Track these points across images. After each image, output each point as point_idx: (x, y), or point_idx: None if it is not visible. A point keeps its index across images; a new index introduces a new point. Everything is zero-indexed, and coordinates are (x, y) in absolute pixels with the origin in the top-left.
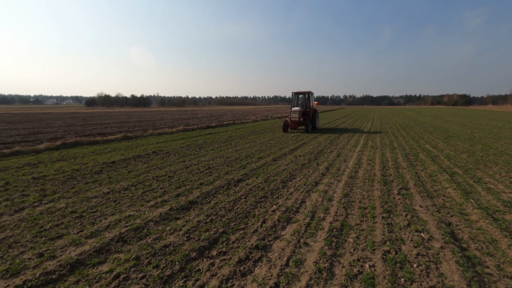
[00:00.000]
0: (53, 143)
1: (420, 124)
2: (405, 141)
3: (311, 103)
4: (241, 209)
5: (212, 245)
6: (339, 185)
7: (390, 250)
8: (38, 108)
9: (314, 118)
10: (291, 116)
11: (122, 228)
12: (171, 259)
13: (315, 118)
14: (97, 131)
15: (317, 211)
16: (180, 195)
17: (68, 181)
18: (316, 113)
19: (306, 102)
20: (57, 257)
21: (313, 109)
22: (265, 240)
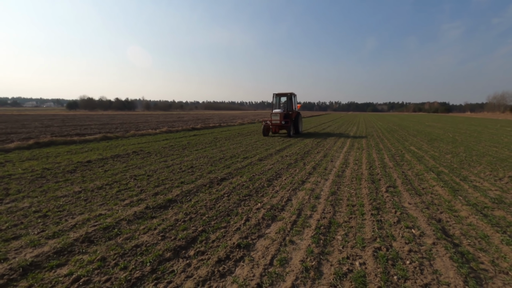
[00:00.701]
0: (24, 142)
1: (404, 128)
2: (391, 143)
3: (294, 106)
4: (223, 207)
5: (189, 245)
6: (326, 184)
7: (381, 247)
8: (15, 110)
9: (297, 121)
10: (272, 119)
11: (90, 227)
12: (141, 260)
13: (298, 122)
14: (75, 131)
15: (303, 209)
16: (158, 194)
17: (36, 180)
18: (299, 116)
19: (289, 104)
20: (9, 259)
21: (296, 112)
22: (248, 239)
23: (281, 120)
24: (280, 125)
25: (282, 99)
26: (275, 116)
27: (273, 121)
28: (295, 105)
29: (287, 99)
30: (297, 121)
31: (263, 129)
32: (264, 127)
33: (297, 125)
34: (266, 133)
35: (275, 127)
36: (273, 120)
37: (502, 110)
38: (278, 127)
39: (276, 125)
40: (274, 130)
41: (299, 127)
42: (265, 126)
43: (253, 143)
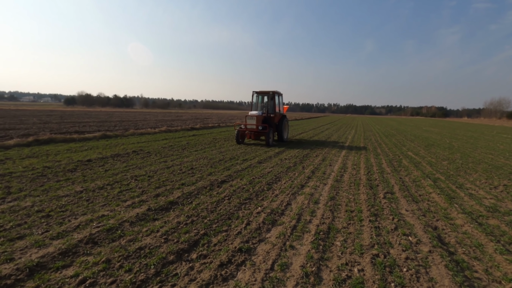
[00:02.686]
0: (24, 139)
1: (402, 133)
2: (388, 148)
3: (279, 107)
4: (224, 210)
5: (192, 248)
6: (325, 188)
7: (378, 253)
8: (13, 105)
9: (281, 126)
10: (247, 122)
11: (93, 228)
12: (145, 263)
13: (282, 127)
14: (74, 129)
15: (303, 214)
16: (159, 195)
17: (37, 178)
18: (284, 121)
19: (271, 105)
20: (15, 259)
21: (280, 115)
22: (249, 243)
23: (258, 124)
24: (257, 131)
25: (265, 99)
26: (251, 120)
27: (248, 126)
28: (280, 106)
29: (268, 99)
30: (281, 127)
31: (236, 135)
32: (237, 132)
33: (281, 131)
34: (240, 140)
35: (250, 133)
36: (248, 124)
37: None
38: (254, 133)
39: (251, 130)
40: (249, 136)
41: (283, 133)
42: (239, 131)
43: (253, 144)
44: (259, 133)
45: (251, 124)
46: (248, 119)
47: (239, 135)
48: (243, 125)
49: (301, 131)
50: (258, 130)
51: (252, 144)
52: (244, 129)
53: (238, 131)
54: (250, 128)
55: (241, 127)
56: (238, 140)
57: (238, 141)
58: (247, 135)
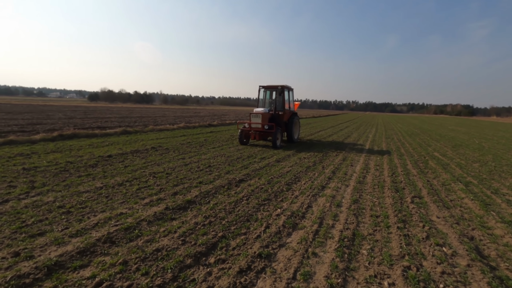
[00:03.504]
0: (49, 134)
1: (426, 132)
2: (412, 148)
3: (289, 104)
4: (242, 211)
5: (209, 251)
6: (347, 190)
7: (410, 265)
8: (41, 101)
9: (291, 125)
10: (251, 121)
11: (112, 227)
12: (163, 266)
13: (292, 126)
14: (96, 124)
15: (325, 218)
16: (177, 194)
17: (60, 173)
18: (295, 119)
19: (279, 101)
20: (35, 257)
21: (290, 112)
22: (269, 248)
23: (263, 123)
24: (262, 131)
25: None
26: (256, 118)
27: (253, 125)
28: (290, 103)
29: (276, 94)
30: (291, 126)
31: (239, 135)
32: (241, 132)
33: (290, 131)
34: (243, 140)
35: (255, 133)
36: (253, 122)
37: None
38: (259, 134)
39: (256, 130)
40: (253, 137)
41: (293, 133)
42: (243, 131)
43: (269, 142)
44: (265, 133)
45: (256, 122)
46: (252, 117)
47: (242, 135)
48: (247, 123)
49: (319, 128)
50: (263, 130)
51: (256, 145)
52: (248, 128)
53: (242, 130)
54: (255, 128)
55: (245, 126)
56: (241, 141)
57: (242, 141)
58: (251, 135)
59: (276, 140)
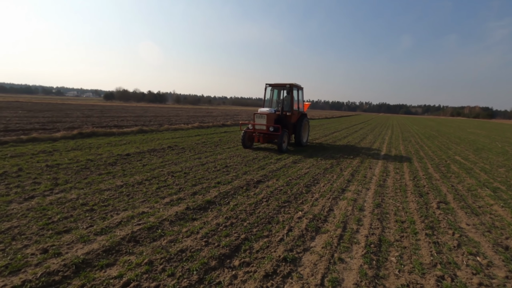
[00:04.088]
0: (69, 132)
1: (444, 135)
2: (432, 151)
3: (298, 104)
4: (263, 213)
5: (233, 253)
6: (369, 194)
7: (444, 275)
8: (59, 99)
9: (299, 128)
10: (256, 122)
11: (135, 226)
12: (188, 267)
13: (301, 128)
14: (113, 123)
15: (348, 222)
16: (196, 194)
17: (81, 171)
18: (304, 120)
19: (288, 101)
20: (63, 254)
21: (299, 113)
22: (294, 252)
23: (268, 124)
24: (268, 133)
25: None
26: (260, 119)
27: (257, 126)
28: (300, 103)
29: (284, 93)
30: (300, 128)
31: (242, 137)
32: (244, 134)
33: (299, 134)
34: (247, 143)
35: (259, 135)
36: (257, 124)
37: None
38: (264, 136)
39: (261, 132)
40: (257, 139)
41: (302, 136)
42: (246, 133)
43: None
44: (270, 135)
45: (260, 124)
46: (256, 118)
47: (246, 137)
48: (251, 124)
49: (333, 130)
50: (268, 132)
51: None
52: (252, 130)
53: (245, 132)
54: (259, 129)
55: (248, 127)
56: (244, 143)
57: (245, 144)
58: (255, 138)
59: (282, 144)
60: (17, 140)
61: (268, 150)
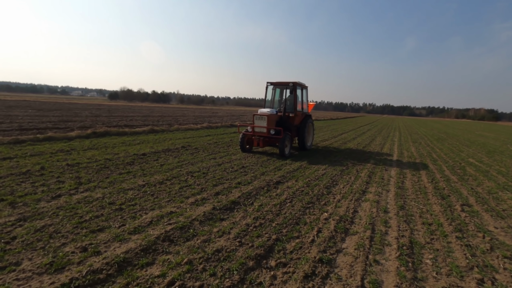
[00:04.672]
0: (84, 131)
1: (452, 137)
2: (444, 153)
3: (302, 104)
4: (289, 214)
5: (268, 254)
6: (389, 196)
7: (483, 278)
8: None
9: (303, 130)
10: (255, 124)
11: (166, 225)
12: (227, 267)
13: (305, 131)
14: (123, 122)
15: (376, 224)
16: (219, 194)
17: (101, 170)
18: (308, 122)
19: (291, 101)
20: (102, 253)
21: (303, 115)
22: (327, 253)
23: (269, 127)
24: (268, 136)
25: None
26: (260, 120)
27: (257, 129)
28: (304, 103)
29: (287, 92)
30: (303, 131)
31: (241, 140)
32: (243, 137)
33: (302, 137)
34: (245, 146)
35: (259, 139)
36: (257, 126)
37: None
38: (264, 140)
39: (260, 135)
40: (256, 143)
41: (306, 139)
42: (245, 135)
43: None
44: (271, 139)
45: (260, 126)
46: (256, 120)
47: (244, 140)
48: (250, 127)
49: (341, 131)
50: (269, 135)
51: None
52: (251, 133)
53: (244, 135)
54: (259, 132)
55: (247, 129)
56: (243, 147)
57: (244, 148)
58: (255, 141)
59: (284, 148)
60: (34, 139)
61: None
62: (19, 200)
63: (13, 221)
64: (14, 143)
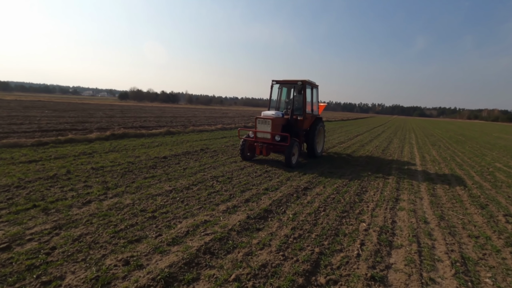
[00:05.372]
0: (102, 133)
1: (470, 139)
2: (468, 157)
3: (312, 106)
4: (326, 224)
5: (315, 269)
6: (424, 204)
7: None
8: (77, 99)
9: (313, 135)
10: (258, 129)
11: (203, 235)
12: (277, 285)
13: (315, 136)
14: (138, 124)
15: (419, 236)
16: (249, 201)
17: (126, 174)
18: (319, 126)
19: (299, 101)
20: (145, 266)
21: (313, 117)
22: (377, 269)
23: (274, 132)
24: (273, 143)
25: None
26: (263, 125)
27: (259, 134)
28: (314, 105)
29: (295, 92)
30: (313, 136)
31: (241, 147)
32: (243, 143)
33: (312, 142)
34: (247, 154)
35: (262, 146)
36: (260, 131)
37: None
38: (267, 147)
39: (264, 141)
40: (259, 151)
41: (315, 145)
42: (246, 142)
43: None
44: (276, 146)
45: (264, 131)
46: (259, 124)
47: (245, 147)
48: (251, 132)
49: (355, 133)
50: (274, 142)
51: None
52: (253, 139)
53: (245, 141)
54: (262, 138)
55: (249, 135)
56: (244, 155)
57: (245, 156)
58: (257, 149)
59: (291, 157)
60: (56, 141)
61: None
62: (51, 206)
63: (49, 229)
64: (37, 145)
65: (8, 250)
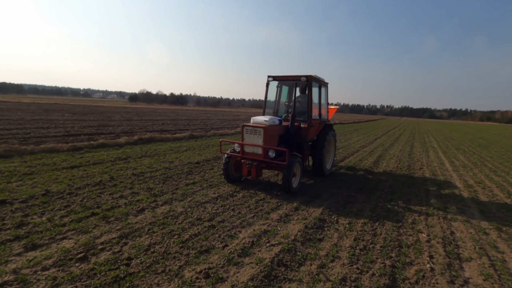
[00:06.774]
0: (131, 137)
1: (493, 143)
2: (499, 162)
3: (320, 109)
4: (385, 234)
5: (393, 284)
6: (475, 212)
7: None
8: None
9: (321, 146)
10: (245, 140)
11: (269, 246)
12: None
13: (323, 148)
14: (158, 127)
15: (484, 248)
16: (298, 209)
17: (167, 180)
18: (329, 135)
19: (303, 103)
20: (226, 279)
21: (321, 124)
22: (456, 284)
23: (267, 146)
24: (265, 161)
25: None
26: (253, 135)
27: (247, 148)
28: (322, 107)
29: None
30: (321, 148)
31: (224, 165)
32: (227, 161)
33: (320, 156)
34: (230, 175)
35: (250, 165)
36: (248, 144)
37: None
38: (258, 167)
39: (253, 158)
40: (247, 171)
41: (323, 160)
42: (231, 158)
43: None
44: (270, 165)
45: (253, 144)
46: (246, 134)
47: (230, 165)
48: (237, 144)
49: (374, 136)
50: (266, 160)
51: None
52: (239, 154)
53: (229, 157)
54: (250, 154)
55: (234, 149)
56: (228, 175)
57: (229, 176)
58: (244, 168)
59: (291, 179)
60: (89, 146)
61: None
62: (110, 214)
63: (116, 238)
64: (73, 150)
65: (86, 261)
